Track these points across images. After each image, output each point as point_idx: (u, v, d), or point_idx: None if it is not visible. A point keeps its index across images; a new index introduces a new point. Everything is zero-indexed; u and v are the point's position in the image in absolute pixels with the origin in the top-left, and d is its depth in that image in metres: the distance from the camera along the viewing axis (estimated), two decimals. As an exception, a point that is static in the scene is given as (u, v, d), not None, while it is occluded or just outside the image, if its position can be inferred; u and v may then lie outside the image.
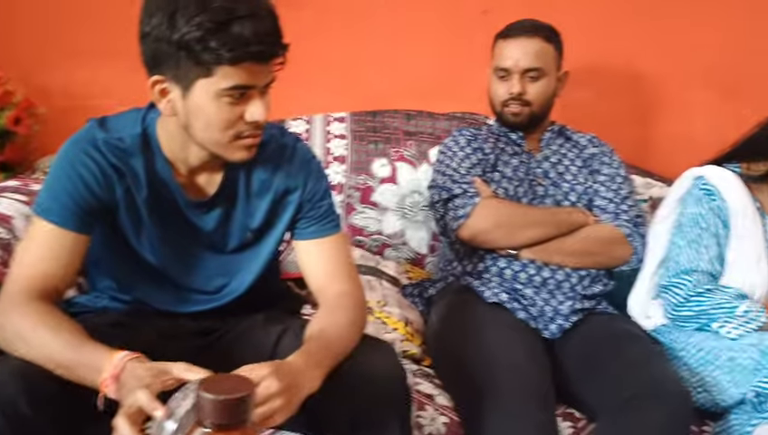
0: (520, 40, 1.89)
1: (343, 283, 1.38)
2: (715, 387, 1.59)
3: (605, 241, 1.82)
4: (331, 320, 1.30)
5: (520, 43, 1.88)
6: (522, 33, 1.89)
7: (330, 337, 1.25)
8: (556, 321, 1.72)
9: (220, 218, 1.37)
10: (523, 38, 1.88)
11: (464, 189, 1.83)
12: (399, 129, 2.20)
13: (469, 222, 1.79)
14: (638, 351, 1.59)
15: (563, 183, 1.92)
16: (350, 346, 1.27)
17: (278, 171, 1.38)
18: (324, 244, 1.41)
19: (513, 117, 1.92)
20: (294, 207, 1.40)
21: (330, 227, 1.42)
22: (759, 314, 1.59)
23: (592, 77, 2.38)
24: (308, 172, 1.40)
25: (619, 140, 2.32)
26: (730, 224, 1.68)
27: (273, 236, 1.42)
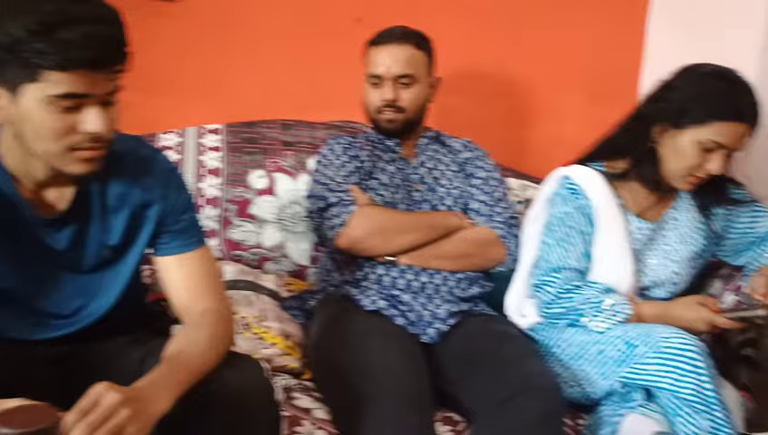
0: (390, 47, 1.89)
1: (208, 299, 1.33)
2: (586, 380, 1.63)
3: (480, 243, 1.85)
4: (191, 338, 1.26)
5: (391, 49, 1.89)
6: (392, 40, 1.90)
7: (189, 355, 1.20)
8: (434, 325, 1.72)
9: (74, 236, 1.30)
10: (393, 45, 1.89)
11: (340, 198, 1.82)
12: (277, 139, 2.16)
13: (346, 230, 1.78)
14: (513, 350, 1.62)
15: (439, 188, 1.93)
16: (212, 363, 1.22)
17: (135, 185, 1.32)
18: (187, 259, 1.35)
19: (387, 123, 1.92)
20: (154, 222, 1.34)
21: (193, 241, 1.36)
22: (624, 307, 1.65)
23: (467, 83, 2.42)
24: (168, 184, 1.35)
25: (496, 143, 2.37)
26: (595, 221, 1.72)
27: (133, 254, 1.35)
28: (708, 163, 1.66)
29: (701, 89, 1.66)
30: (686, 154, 1.66)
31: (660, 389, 1.50)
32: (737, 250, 1.85)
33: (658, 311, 1.65)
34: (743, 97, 1.64)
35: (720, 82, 1.65)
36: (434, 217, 1.86)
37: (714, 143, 1.64)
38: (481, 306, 1.84)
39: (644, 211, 1.78)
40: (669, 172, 1.71)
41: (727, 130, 1.63)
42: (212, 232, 2.03)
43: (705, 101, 1.64)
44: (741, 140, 1.66)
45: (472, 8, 2.39)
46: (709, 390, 1.46)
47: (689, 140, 1.65)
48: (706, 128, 1.63)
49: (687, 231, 1.78)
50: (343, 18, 2.32)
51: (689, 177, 1.69)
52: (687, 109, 1.65)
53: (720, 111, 1.63)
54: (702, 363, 1.47)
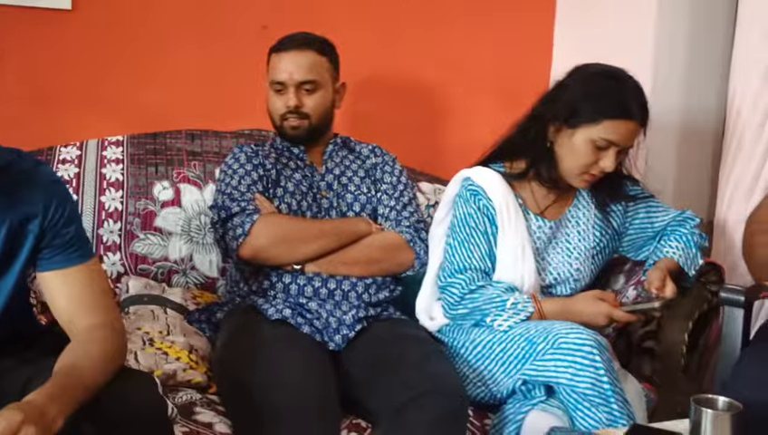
0: (292, 53, 1.88)
1: (96, 315, 1.29)
2: (492, 380, 1.64)
3: (387, 248, 1.85)
4: (83, 353, 1.22)
5: (293, 56, 1.88)
6: (294, 47, 1.89)
7: (81, 370, 1.17)
8: (341, 332, 1.71)
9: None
10: (295, 51, 1.88)
11: (242, 207, 1.79)
12: (183, 149, 2.12)
13: (249, 240, 1.75)
14: (418, 352, 1.62)
15: (347, 194, 1.93)
16: (104, 379, 1.19)
17: (14, 199, 1.27)
18: (72, 274, 1.31)
19: (292, 130, 1.91)
20: (35, 236, 1.29)
21: (77, 255, 1.32)
22: (526, 305, 1.66)
23: (380, 88, 2.43)
24: (49, 197, 1.30)
25: (410, 148, 2.38)
26: (497, 221, 1.74)
27: (14, 271, 1.30)
28: (602, 161, 1.69)
29: (591, 88, 1.70)
30: (580, 152, 1.69)
31: (559, 384, 1.52)
32: (636, 246, 1.89)
33: (559, 307, 1.67)
34: (631, 95, 1.68)
35: (609, 82, 1.69)
36: (341, 224, 1.85)
37: (605, 141, 1.67)
38: (390, 310, 1.83)
39: (544, 210, 1.81)
40: (565, 171, 1.74)
41: (618, 128, 1.67)
42: (115, 246, 1.98)
43: (595, 101, 1.68)
44: (631, 138, 1.70)
45: (381, 14, 2.40)
46: (606, 383, 1.49)
47: (582, 138, 1.69)
48: (598, 126, 1.67)
49: (587, 228, 1.82)
50: (250, 26, 2.30)
51: (585, 175, 1.72)
52: (579, 108, 1.69)
53: (610, 110, 1.66)
54: (599, 358, 1.50)
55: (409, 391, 1.48)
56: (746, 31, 1.93)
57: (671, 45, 2.16)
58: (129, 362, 1.63)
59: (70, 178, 2.00)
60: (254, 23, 2.30)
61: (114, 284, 1.96)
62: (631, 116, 1.67)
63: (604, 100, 1.67)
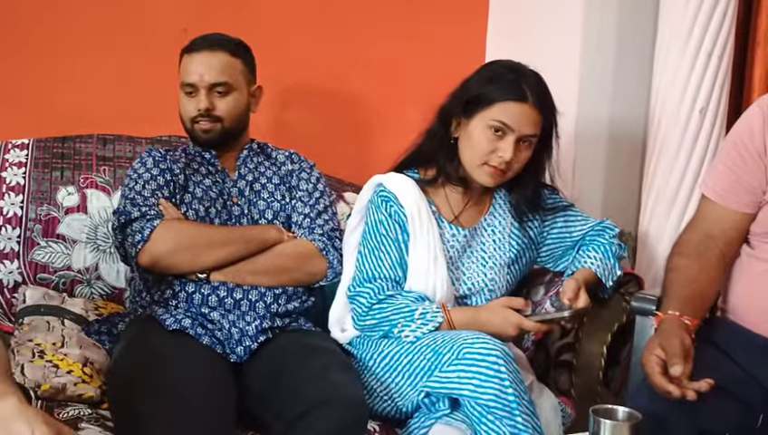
0: (204, 54, 1.82)
1: None
2: (398, 393, 1.58)
3: (299, 256, 1.78)
4: None
5: (204, 57, 1.81)
6: (206, 47, 1.82)
7: None
8: (243, 343, 1.63)
9: None
10: (206, 52, 1.82)
11: (143, 212, 1.71)
12: (93, 154, 2.04)
13: (148, 246, 1.67)
14: (320, 363, 1.55)
15: (260, 201, 1.86)
16: None
17: None
18: None
19: (203, 134, 1.84)
20: None
21: None
22: (435, 315, 1.60)
23: (308, 96, 2.37)
24: None
25: (335, 157, 2.33)
26: (409, 229, 1.68)
27: None
28: (500, 150, 1.64)
29: (487, 76, 1.68)
30: (477, 140, 1.65)
31: (462, 396, 1.46)
32: (555, 256, 1.85)
33: (468, 317, 1.61)
34: (526, 80, 1.65)
35: (506, 69, 1.68)
36: (249, 231, 1.78)
37: (499, 123, 1.63)
38: (300, 321, 1.76)
39: (459, 217, 1.75)
40: (467, 164, 1.69)
41: (512, 110, 1.63)
42: (12, 254, 1.87)
43: (490, 85, 1.65)
44: (529, 124, 1.64)
45: (308, 20, 2.35)
46: (511, 395, 1.43)
47: (477, 125, 1.65)
48: (491, 109, 1.64)
49: (503, 237, 1.77)
50: (169, 28, 2.22)
51: (486, 166, 1.67)
52: (476, 96, 1.66)
53: (503, 93, 1.64)
54: (504, 368, 1.44)
55: (305, 403, 1.42)
56: (666, 41, 1.91)
57: (597, 54, 2.15)
58: (15, 374, 1.54)
59: (-35, 181, 1.90)
60: (175, 25, 2.22)
61: (11, 293, 1.86)
62: (525, 98, 1.63)
63: (498, 83, 1.65)
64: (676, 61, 1.87)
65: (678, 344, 1.31)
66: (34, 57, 2.12)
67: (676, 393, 1.27)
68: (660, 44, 1.93)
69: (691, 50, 1.83)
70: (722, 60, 1.84)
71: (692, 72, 1.85)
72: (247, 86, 1.87)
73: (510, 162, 1.65)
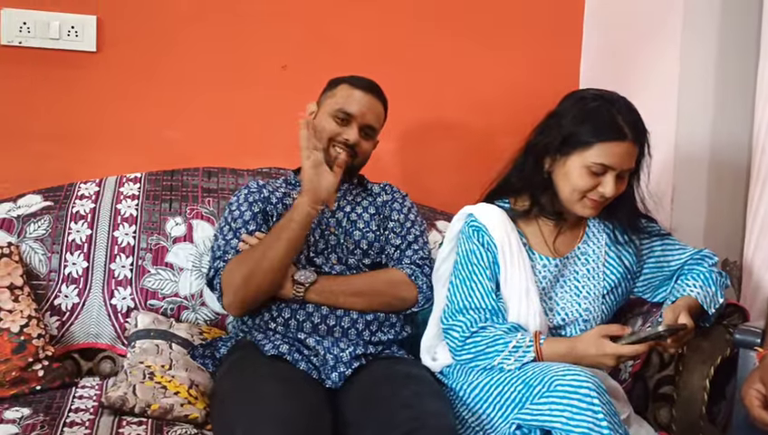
0: (370, 96, 1.93)
1: None
2: (489, 424, 1.57)
3: (389, 282, 1.82)
4: None
5: (370, 99, 1.93)
6: (373, 92, 1.94)
7: None
8: (338, 369, 1.67)
9: None
10: (372, 96, 1.93)
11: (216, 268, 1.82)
12: (198, 186, 2.15)
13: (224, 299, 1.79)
14: (413, 391, 1.57)
15: (355, 231, 1.91)
16: None
17: None
18: None
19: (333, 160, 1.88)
20: None
21: None
22: (527, 351, 1.59)
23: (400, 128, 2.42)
24: None
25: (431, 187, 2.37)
26: (499, 259, 1.69)
27: None
28: (601, 186, 1.63)
29: (580, 113, 1.65)
30: (577, 179, 1.64)
31: (554, 429, 1.43)
32: (653, 286, 1.80)
33: (565, 349, 1.59)
34: (621, 115, 1.62)
35: (598, 104, 1.64)
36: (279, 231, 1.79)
37: (600, 166, 1.61)
38: (392, 349, 1.79)
39: (551, 247, 1.74)
40: (565, 200, 1.68)
41: (611, 151, 1.61)
42: (126, 281, 1.99)
43: (584, 125, 1.63)
44: (628, 159, 1.63)
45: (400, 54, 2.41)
46: (605, 428, 1.39)
47: (576, 165, 1.64)
48: (590, 151, 1.62)
49: (597, 266, 1.74)
50: (269, 66, 2.33)
51: (586, 200, 1.66)
52: (569, 134, 1.64)
53: (600, 132, 1.61)
54: (597, 401, 1.41)
55: (395, 430, 1.43)
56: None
57: (697, 79, 2.09)
58: (127, 395, 1.64)
59: (86, 213, 2.03)
60: (274, 62, 2.34)
61: (124, 318, 1.97)
62: (623, 137, 1.61)
63: (593, 123, 1.62)
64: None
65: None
66: (148, 98, 2.27)
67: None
68: (763, 70, 1.86)
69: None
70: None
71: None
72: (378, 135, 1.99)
73: (611, 196, 1.64)
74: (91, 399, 1.74)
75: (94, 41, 2.20)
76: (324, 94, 1.96)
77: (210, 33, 2.29)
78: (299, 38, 2.34)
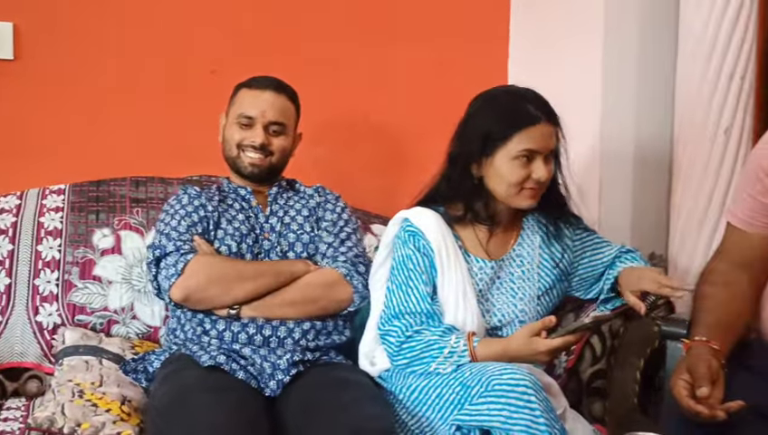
0: (268, 93, 1.91)
1: None
2: (429, 427, 1.57)
3: (324, 284, 1.81)
4: None
5: (269, 96, 1.91)
6: (271, 88, 1.92)
7: None
8: (276, 377, 1.66)
9: None
10: (271, 92, 1.91)
11: (177, 247, 1.77)
12: (126, 196, 2.09)
13: (181, 280, 1.73)
14: (352, 396, 1.57)
15: (290, 234, 1.90)
16: None
17: None
18: None
19: (250, 166, 1.90)
20: None
21: None
22: (462, 356, 1.59)
23: (331, 132, 2.41)
24: None
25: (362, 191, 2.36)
26: (436, 263, 1.70)
27: None
28: (534, 173, 1.66)
29: (492, 111, 1.69)
30: (508, 173, 1.66)
31: (493, 428, 1.45)
32: (587, 284, 1.84)
33: (498, 350, 1.60)
34: (529, 102, 1.67)
35: (505, 97, 1.70)
36: (278, 265, 1.82)
37: (525, 152, 1.65)
38: (330, 355, 1.78)
39: (486, 250, 1.76)
40: (503, 197, 1.70)
41: (530, 135, 1.65)
42: (52, 296, 1.93)
43: (499, 120, 1.67)
44: (549, 140, 1.67)
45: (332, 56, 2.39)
46: (542, 425, 1.42)
47: (503, 160, 1.66)
48: (512, 142, 1.65)
49: (532, 268, 1.77)
50: (198, 70, 2.29)
51: (524, 191, 1.68)
52: (488, 134, 1.67)
53: (516, 122, 1.65)
54: (534, 398, 1.43)
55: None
56: (687, 64, 1.91)
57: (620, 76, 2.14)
58: (55, 415, 1.58)
59: (6, 227, 1.96)
60: (203, 67, 2.29)
61: (51, 335, 1.91)
62: (538, 119, 1.65)
63: (507, 116, 1.66)
64: (697, 84, 1.87)
65: (705, 368, 1.31)
66: (66, 105, 2.19)
67: (705, 414, 1.26)
68: (681, 67, 1.93)
69: (712, 73, 1.83)
70: (744, 81, 1.83)
71: (714, 93, 1.84)
72: (294, 131, 1.97)
73: (546, 180, 1.68)
74: (16, 421, 1.68)
75: (11, 48, 2.12)
76: (229, 103, 1.96)
77: (135, 38, 2.23)
78: (228, 42, 2.30)
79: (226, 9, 2.30)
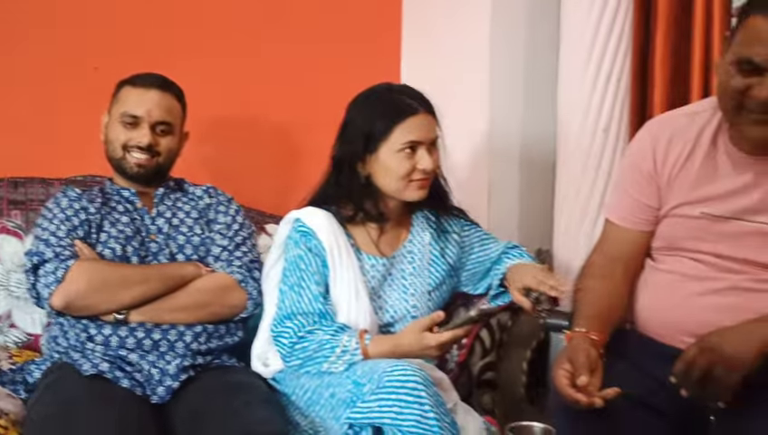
0: (154, 92, 1.84)
1: None
2: (322, 426, 1.58)
3: (217, 290, 1.78)
4: None
5: (154, 95, 1.85)
6: (156, 86, 1.86)
7: None
8: (164, 383, 1.61)
9: None
10: (156, 90, 1.85)
11: (56, 253, 1.69)
12: (4, 198, 1.99)
13: (62, 287, 1.66)
14: (243, 400, 1.55)
15: (179, 236, 1.85)
16: None
17: None
18: None
19: (136, 166, 1.84)
20: None
21: None
22: (354, 355, 1.60)
23: (223, 132, 2.36)
24: None
25: (259, 190, 2.33)
26: (328, 262, 1.70)
27: None
28: (419, 163, 1.69)
29: (371, 108, 1.72)
30: (394, 167, 1.69)
31: (384, 424, 1.46)
32: (476, 279, 1.88)
33: (389, 347, 1.62)
34: (405, 95, 1.71)
35: (381, 94, 1.74)
36: (166, 268, 1.77)
37: (408, 144, 1.68)
38: (224, 358, 1.75)
39: (378, 247, 1.77)
40: (392, 191, 1.72)
41: (410, 126, 1.68)
42: None
43: (379, 116, 1.69)
44: (430, 129, 1.71)
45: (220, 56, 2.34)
46: (432, 419, 1.44)
47: (388, 155, 1.69)
48: (393, 135, 1.68)
49: (422, 264, 1.80)
50: (80, 67, 2.20)
51: (412, 183, 1.71)
52: (370, 131, 1.69)
53: (394, 115, 1.68)
54: (424, 393, 1.45)
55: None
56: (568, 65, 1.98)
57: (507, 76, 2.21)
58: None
59: None
60: (86, 64, 2.20)
61: None
62: (415, 110, 1.69)
63: (385, 111, 1.69)
64: (578, 84, 1.94)
65: (584, 358, 1.36)
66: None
67: (584, 401, 1.31)
68: (563, 69, 2.00)
69: (590, 74, 1.91)
70: (620, 82, 1.92)
71: (593, 94, 1.92)
72: (181, 130, 1.92)
73: (432, 169, 1.71)
74: None
75: None
76: (112, 101, 1.89)
77: (15, 33, 2.13)
78: (111, 39, 2.22)
79: (110, 3, 2.22)
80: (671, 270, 1.50)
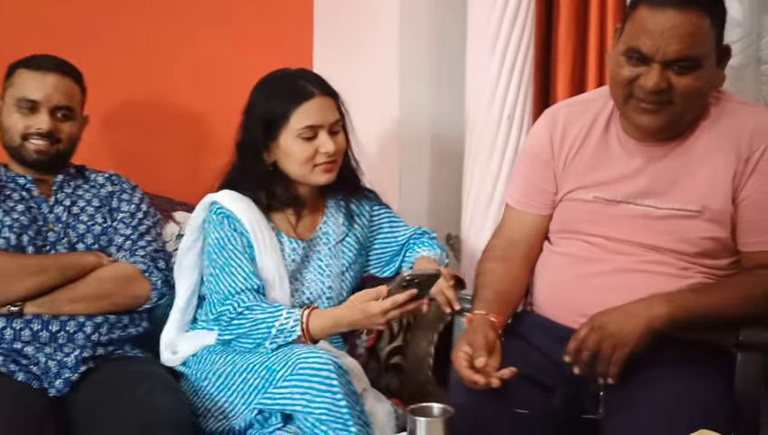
0: (53, 76, 1.79)
1: None
2: (231, 411, 1.57)
3: (119, 280, 1.74)
4: None
5: (53, 79, 1.79)
6: (55, 70, 1.80)
7: None
8: (62, 375, 1.58)
9: None
10: (55, 74, 1.79)
11: None
12: None
13: None
14: (146, 388, 1.53)
15: (79, 225, 1.80)
16: None
17: None
18: None
19: (36, 154, 1.78)
20: None
21: None
22: (291, 332, 1.58)
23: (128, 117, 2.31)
24: None
25: (167, 177, 2.28)
26: (252, 243, 1.69)
27: None
28: (321, 147, 1.69)
29: (268, 94, 1.72)
30: (297, 152, 1.69)
31: (295, 412, 1.48)
32: (383, 261, 1.90)
33: (332, 322, 1.59)
34: (301, 79, 1.72)
35: (277, 80, 1.74)
36: (64, 258, 1.72)
37: (307, 129, 1.68)
38: (125, 349, 1.72)
39: (296, 231, 1.77)
40: (298, 177, 1.72)
41: (307, 111, 1.68)
42: None
43: (276, 102, 1.70)
44: (329, 112, 1.71)
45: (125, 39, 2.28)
46: (344, 407, 1.46)
47: (289, 140, 1.69)
48: (292, 120, 1.68)
49: (337, 245, 1.81)
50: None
51: (317, 168, 1.70)
52: (268, 117, 1.69)
53: (291, 100, 1.69)
54: (336, 381, 1.47)
55: (128, 431, 1.41)
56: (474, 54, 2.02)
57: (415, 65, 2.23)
58: None
59: None
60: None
61: None
62: (311, 94, 1.69)
63: (281, 96, 1.70)
64: (484, 74, 1.98)
65: (482, 339, 1.40)
66: None
67: (481, 382, 1.35)
68: (469, 58, 2.04)
69: (495, 64, 1.95)
70: (523, 73, 1.97)
71: (498, 82, 1.96)
72: (80, 114, 1.86)
73: (335, 151, 1.70)
74: None
75: None
76: (4, 85, 1.81)
77: None
78: (12, 20, 2.13)
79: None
80: (565, 252, 1.55)
